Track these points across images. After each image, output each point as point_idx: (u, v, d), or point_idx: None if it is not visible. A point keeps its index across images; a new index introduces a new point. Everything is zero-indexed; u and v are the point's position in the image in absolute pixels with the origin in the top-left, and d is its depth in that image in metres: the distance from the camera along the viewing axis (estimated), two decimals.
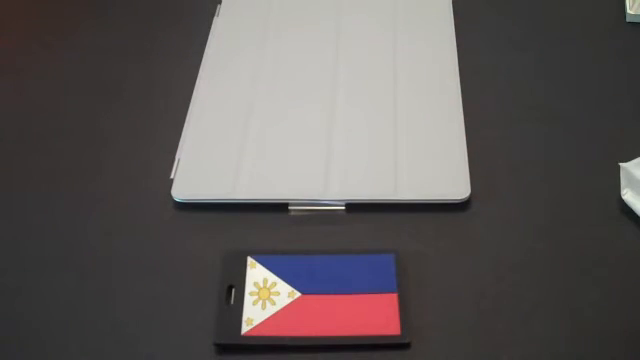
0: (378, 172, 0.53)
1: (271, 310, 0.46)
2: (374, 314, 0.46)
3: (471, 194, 0.52)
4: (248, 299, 0.47)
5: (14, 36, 0.68)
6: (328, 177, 0.53)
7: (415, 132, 0.56)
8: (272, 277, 0.48)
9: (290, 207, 0.52)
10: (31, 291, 0.49)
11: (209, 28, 0.66)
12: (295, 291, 0.47)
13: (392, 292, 0.47)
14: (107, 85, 0.62)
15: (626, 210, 0.51)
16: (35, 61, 0.65)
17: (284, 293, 0.47)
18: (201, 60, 0.63)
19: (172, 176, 0.54)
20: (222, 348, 0.45)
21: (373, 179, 0.53)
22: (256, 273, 0.48)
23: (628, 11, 0.66)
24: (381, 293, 0.47)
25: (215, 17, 0.67)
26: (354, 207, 0.52)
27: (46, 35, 0.67)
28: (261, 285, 0.47)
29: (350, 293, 0.47)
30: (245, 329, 0.45)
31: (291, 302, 0.46)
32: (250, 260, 0.49)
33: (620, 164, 0.51)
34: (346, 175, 0.53)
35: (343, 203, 0.52)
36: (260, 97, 0.59)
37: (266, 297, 0.47)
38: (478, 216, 0.52)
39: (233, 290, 0.47)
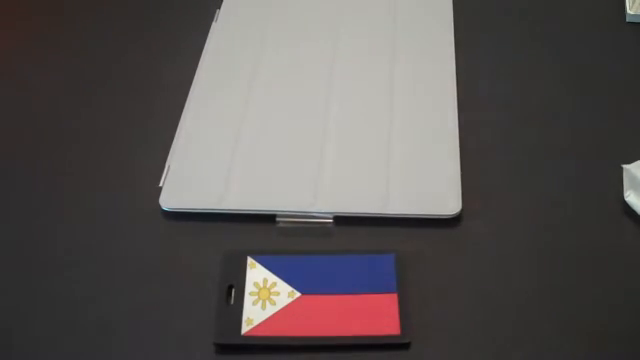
0: (368, 185, 0.53)
1: (271, 310, 0.46)
2: (374, 314, 0.46)
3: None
4: (248, 299, 0.47)
5: (13, 36, 0.68)
6: (317, 189, 0.53)
7: (408, 145, 0.56)
8: (272, 277, 0.48)
9: (278, 219, 0.51)
10: (32, 292, 0.49)
11: (207, 34, 0.66)
12: (295, 291, 0.47)
13: (392, 292, 0.47)
14: (103, 88, 0.62)
15: (629, 212, 0.51)
16: (33, 61, 0.65)
17: (284, 293, 0.47)
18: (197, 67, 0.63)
19: (161, 184, 0.53)
20: (222, 348, 0.45)
21: (363, 192, 0.52)
22: (256, 273, 0.48)
23: (628, 11, 0.66)
24: (381, 293, 0.47)
25: (213, 23, 0.67)
26: (343, 220, 0.51)
27: (44, 35, 0.68)
28: (261, 285, 0.47)
29: (350, 293, 0.47)
30: (245, 329, 0.45)
31: (291, 302, 0.46)
32: (250, 260, 0.49)
33: (623, 166, 0.51)
34: (336, 187, 0.53)
35: (331, 216, 0.51)
36: (253, 106, 0.59)
37: (266, 297, 0.47)
38: (477, 217, 0.52)
39: (233, 290, 0.47)
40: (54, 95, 0.62)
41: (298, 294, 0.47)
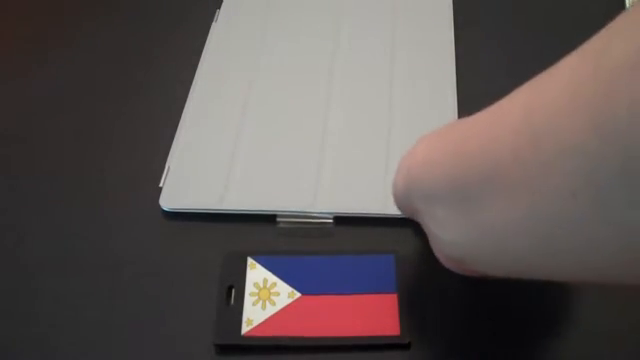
0: (369, 186, 0.53)
1: (271, 310, 0.46)
2: (374, 314, 0.46)
3: None
4: (248, 299, 0.47)
5: (13, 37, 0.68)
6: (318, 189, 0.53)
7: (408, 146, 0.55)
8: (272, 277, 0.48)
9: (278, 219, 0.51)
10: (30, 292, 0.49)
11: (207, 34, 0.66)
12: (295, 291, 0.47)
13: (392, 293, 0.47)
14: (102, 88, 0.62)
15: None
16: (32, 61, 0.65)
17: (284, 293, 0.47)
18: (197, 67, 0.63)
19: (161, 184, 0.53)
20: (222, 348, 0.45)
21: (363, 193, 0.52)
22: (256, 274, 0.48)
23: None
24: (381, 293, 0.47)
25: (213, 23, 0.67)
26: (343, 220, 0.51)
27: (44, 35, 0.68)
28: (261, 285, 0.47)
29: (350, 293, 0.47)
30: (245, 329, 0.45)
31: (291, 302, 0.46)
32: (250, 261, 0.49)
33: None
34: (336, 188, 0.53)
35: (331, 216, 0.51)
36: (253, 106, 0.59)
37: (266, 297, 0.47)
38: None
39: (233, 291, 0.47)
40: (53, 95, 0.62)
41: (298, 294, 0.47)
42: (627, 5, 0.66)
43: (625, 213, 0.26)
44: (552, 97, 0.29)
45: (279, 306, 0.46)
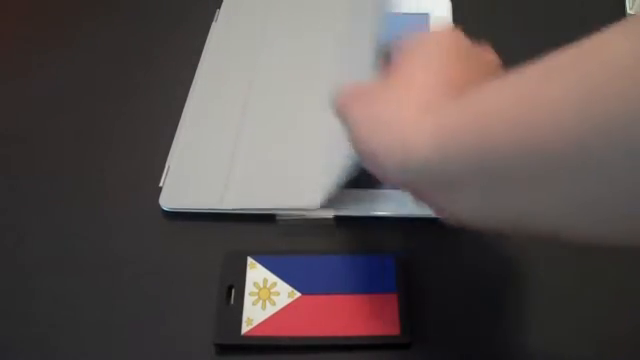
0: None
1: (271, 310, 0.46)
2: (374, 314, 0.46)
3: None
4: (248, 299, 0.47)
5: (13, 37, 0.68)
6: (318, 189, 0.52)
7: None
8: (272, 277, 0.48)
9: (278, 218, 0.51)
10: (31, 292, 0.49)
11: (207, 34, 0.66)
12: (295, 291, 0.47)
13: (392, 292, 0.47)
14: (103, 88, 0.62)
15: None
16: (33, 61, 0.65)
17: (284, 293, 0.47)
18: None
19: (161, 184, 0.53)
20: (222, 348, 0.45)
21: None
22: (256, 273, 0.48)
23: (628, 11, 0.66)
24: (381, 293, 0.47)
25: (213, 23, 0.67)
26: (343, 220, 0.51)
27: (44, 35, 0.68)
28: (261, 285, 0.47)
29: (350, 293, 0.47)
30: (245, 329, 0.45)
31: (291, 302, 0.46)
32: (250, 260, 0.49)
33: None
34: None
35: (332, 215, 0.51)
36: (253, 105, 0.59)
37: (266, 297, 0.47)
38: None
39: (233, 290, 0.47)
40: (53, 95, 0.62)
41: (298, 294, 0.47)
42: (627, 7, 0.66)
43: None
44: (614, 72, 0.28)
45: (279, 306, 0.46)
